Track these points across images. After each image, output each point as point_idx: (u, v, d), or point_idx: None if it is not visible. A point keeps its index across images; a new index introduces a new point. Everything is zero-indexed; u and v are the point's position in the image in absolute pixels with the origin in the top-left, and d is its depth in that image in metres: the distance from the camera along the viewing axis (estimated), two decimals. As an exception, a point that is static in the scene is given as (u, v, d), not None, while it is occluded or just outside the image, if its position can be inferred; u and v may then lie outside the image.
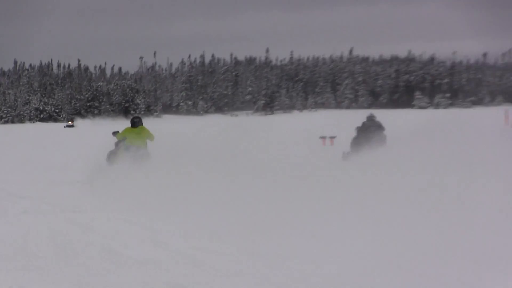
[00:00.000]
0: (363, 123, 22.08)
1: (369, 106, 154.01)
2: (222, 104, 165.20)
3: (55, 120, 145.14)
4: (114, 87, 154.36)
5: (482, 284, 7.17)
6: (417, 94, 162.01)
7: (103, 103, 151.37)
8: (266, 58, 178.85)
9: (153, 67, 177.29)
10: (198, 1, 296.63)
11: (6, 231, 10.86)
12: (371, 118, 22.14)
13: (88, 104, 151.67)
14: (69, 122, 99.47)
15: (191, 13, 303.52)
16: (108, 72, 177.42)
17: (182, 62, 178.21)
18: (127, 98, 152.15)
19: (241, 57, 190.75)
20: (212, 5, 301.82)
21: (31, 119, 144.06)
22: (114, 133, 18.74)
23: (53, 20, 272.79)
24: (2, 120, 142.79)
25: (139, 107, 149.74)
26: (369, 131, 21.64)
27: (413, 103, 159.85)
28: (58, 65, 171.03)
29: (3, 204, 14.25)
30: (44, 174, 21.35)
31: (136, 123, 18.66)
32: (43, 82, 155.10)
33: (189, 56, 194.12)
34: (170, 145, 18.14)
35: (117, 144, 18.44)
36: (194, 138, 21.56)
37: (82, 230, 10.84)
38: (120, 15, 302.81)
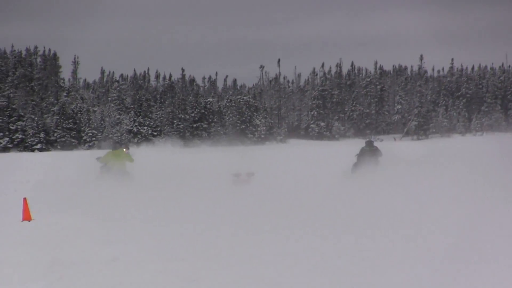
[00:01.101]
0: (362, 148, 25.62)
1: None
2: (363, 126, 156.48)
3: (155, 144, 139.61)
4: (228, 104, 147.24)
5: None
6: None
7: (213, 124, 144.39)
8: (420, 67, 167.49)
9: (276, 78, 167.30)
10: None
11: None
12: (369, 143, 25.69)
13: (194, 125, 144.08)
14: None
15: (325, 10, 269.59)
16: (220, 84, 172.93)
17: (313, 73, 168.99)
18: (244, 117, 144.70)
19: (387, 66, 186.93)
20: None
21: (122, 144, 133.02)
22: (98, 159, 25.30)
23: (148, 20, 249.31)
24: (86, 145, 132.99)
25: (259, 129, 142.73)
26: (365, 155, 25.48)
27: None
28: (157, 76, 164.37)
29: (86, 249, 13.52)
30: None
31: (116, 147, 25.23)
32: (137, 97, 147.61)
33: (322, 65, 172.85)
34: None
35: (101, 168, 25.06)
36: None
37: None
38: (235, 13, 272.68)
